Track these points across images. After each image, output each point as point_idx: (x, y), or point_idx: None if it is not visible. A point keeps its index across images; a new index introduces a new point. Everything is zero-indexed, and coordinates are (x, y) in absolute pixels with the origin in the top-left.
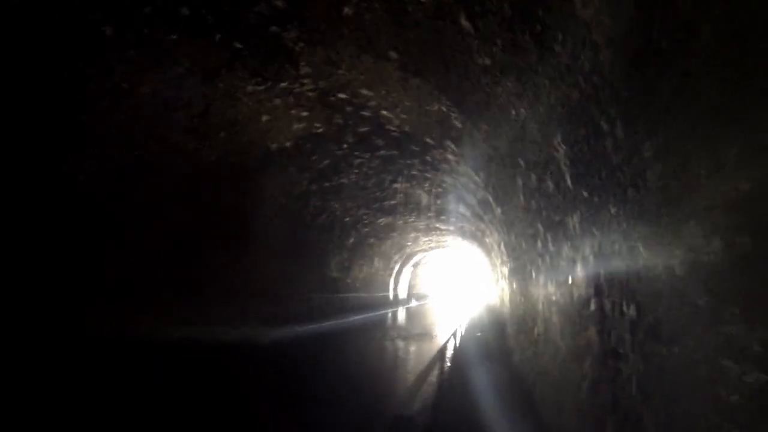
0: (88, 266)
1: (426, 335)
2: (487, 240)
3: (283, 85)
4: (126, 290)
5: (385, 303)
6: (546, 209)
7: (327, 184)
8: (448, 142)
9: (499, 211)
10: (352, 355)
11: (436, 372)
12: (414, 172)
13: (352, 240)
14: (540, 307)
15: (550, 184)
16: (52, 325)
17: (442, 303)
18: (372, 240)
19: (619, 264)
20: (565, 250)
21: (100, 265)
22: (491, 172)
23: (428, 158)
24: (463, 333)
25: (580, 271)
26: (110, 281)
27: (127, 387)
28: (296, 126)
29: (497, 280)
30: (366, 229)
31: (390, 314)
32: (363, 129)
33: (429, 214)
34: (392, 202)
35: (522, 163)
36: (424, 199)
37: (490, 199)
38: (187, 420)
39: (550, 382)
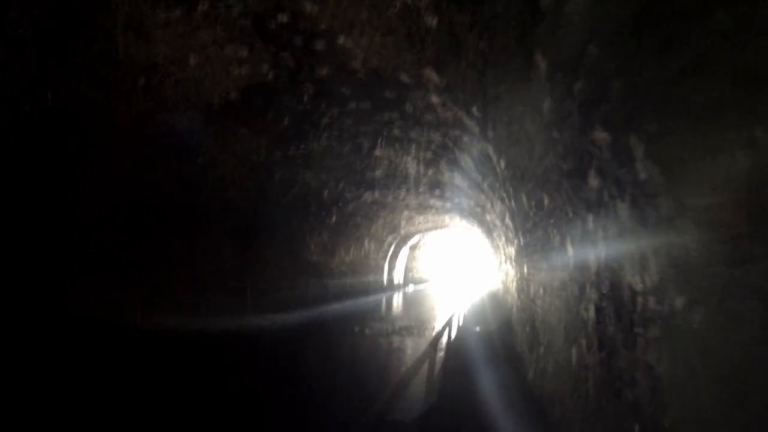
0: None
1: (414, 329)
2: (488, 217)
3: (203, 8)
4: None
5: (378, 288)
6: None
7: (293, 151)
8: (428, 71)
9: (502, 164)
10: (314, 358)
11: (416, 391)
12: (395, 132)
13: (334, 219)
14: (590, 314)
15: None
16: None
17: (442, 288)
18: (359, 219)
19: None
20: None
21: None
22: (489, 95)
23: (408, 108)
24: (459, 326)
25: None
26: None
27: None
28: (237, 71)
29: (500, 264)
30: (350, 207)
31: (381, 301)
32: (322, 72)
33: (420, 189)
34: (376, 173)
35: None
36: (412, 168)
37: (490, 150)
38: None
39: None
